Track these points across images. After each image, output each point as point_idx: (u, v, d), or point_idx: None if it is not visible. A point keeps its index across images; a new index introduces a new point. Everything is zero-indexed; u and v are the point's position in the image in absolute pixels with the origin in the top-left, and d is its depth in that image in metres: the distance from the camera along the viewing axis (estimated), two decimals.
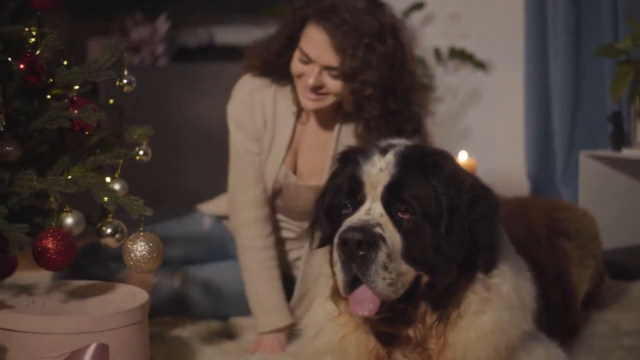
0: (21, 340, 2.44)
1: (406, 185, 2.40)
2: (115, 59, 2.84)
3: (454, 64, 5.73)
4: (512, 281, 2.50)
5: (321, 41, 2.97)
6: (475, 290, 2.46)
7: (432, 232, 2.38)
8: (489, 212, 2.44)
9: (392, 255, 2.33)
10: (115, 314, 2.50)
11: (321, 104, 3.06)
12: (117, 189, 2.70)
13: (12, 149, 2.57)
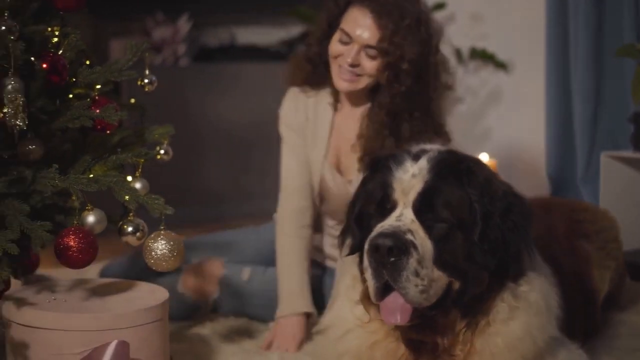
0: (43, 337, 2.46)
1: (439, 191, 2.38)
2: (136, 58, 2.86)
3: (474, 65, 5.72)
4: (540, 288, 2.50)
5: (364, 20, 3.12)
6: (504, 299, 2.45)
7: (465, 240, 2.37)
8: (523, 221, 2.44)
9: (423, 262, 2.31)
10: (137, 311, 2.52)
11: (355, 85, 3.19)
12: (138, 187, 2.72)
13: (34, 147, 2.58)
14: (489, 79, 5.70)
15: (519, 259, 2.46)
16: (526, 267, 2.50)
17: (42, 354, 2.46)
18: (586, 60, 4.71)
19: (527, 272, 2.50)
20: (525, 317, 2.46)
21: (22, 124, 2.46)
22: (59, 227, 2.60)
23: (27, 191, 2.51)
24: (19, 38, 2.52)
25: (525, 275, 2.49)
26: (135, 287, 2.76)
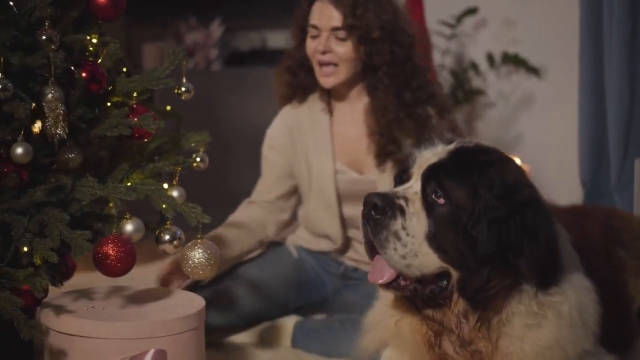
0: (81, 345, 2.48)
1: (448, 170, 2.38)
2: (174, 66, 2.88)
3: (506, 69, 5.70)
4: (575, 302, 2.46)
5: (325, 8, 3.22)
6: (521, 301, 2.41)
7: (461, 224, 2.35)
8: (535, 224, 2.39)
9: (408, 229, 2.33)
10: (174, 319, 2.53)
11: (338, 77, 3.25)
12: (175, 195, 2.74)
13: (74, 156, 2.60)
14: (521, 83, 5.68)
15: (534, 264, 2.38)
16: (559, 277, 2.46)
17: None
18: (620, 65, 4.66)
19: (561, 283, 2.46)
20: (554, 328, 2.43)
21: (63, 133, 2.48)
22: (97, 235, 2.62)
23: (67, 200, 2.52)
24: (60, 47, 2.54)
25: (558, 286, 2.45)
26: (172, 295, 2.77)
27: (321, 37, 3.22)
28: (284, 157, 3.39)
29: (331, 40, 3.21)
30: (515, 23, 5.63)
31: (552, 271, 2.46)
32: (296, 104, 3.41)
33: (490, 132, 5.81)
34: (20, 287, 2.51)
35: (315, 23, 3.24)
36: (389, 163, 3.26)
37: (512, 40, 5.64)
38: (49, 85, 2.51)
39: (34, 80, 2.55)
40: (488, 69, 5.65)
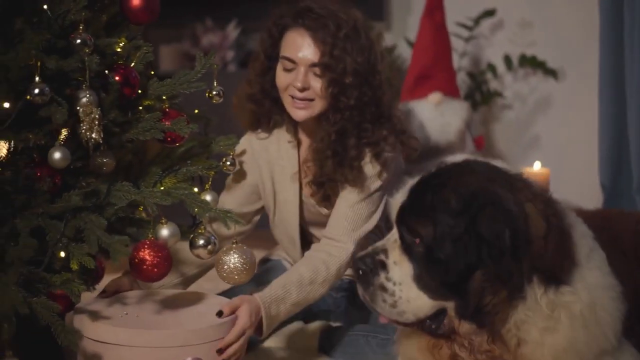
0: (116, 353, 2.46)
1: (411, 208, 2.44)
2: (205, 70, 2.87)
3: (523, 72, 5.68)
4: (588, 300, 2.43)
5: (302, 40, 3.02)
6: (528, 307, 2.39)
7: (435, 256, 2.39)
8: (490, 228, 2.34)
9: (393, 279, 2.44)
10: (210, 327, 2.52)
11: (311, 111, 3.07)
12: (208, 200, 2.72)
13: (107, 160, 2.59)
14: (538, 85, 5.66)
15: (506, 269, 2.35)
16: (571, 278, 2.43)
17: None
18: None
19: (573, 282, 2.43)
20: (568, 330, 2.41)
21: (98, 137, 2.47)
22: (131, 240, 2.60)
23: (101, 204, 2.51)
24: (94, 51, 2.53)
25: (570, 284, 2.43)
26: (205, 300, 2.76)
27: (298, 71, 3.02)
28: (252, 176, 3.25)
29: (309, 76, 3.03)
30: (532, 25, 5.62)
31: (560, 272, 2.42)
32: (262, 134, 3.25)
33: (507, 135, 5.80)
34: (55, 292, 2.50)
35: (291, 56, 3.03)
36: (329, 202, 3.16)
37: (529, 42, 5.63)
38: (83, 89, 2.50)
39: (67, 84, 2.53)
40: (505, 71, 5.64)
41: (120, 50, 2.68)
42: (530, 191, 2.48)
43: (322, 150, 3.05)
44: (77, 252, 2.42)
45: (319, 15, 3.01)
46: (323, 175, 3.07)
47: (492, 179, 2.45)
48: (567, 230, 2.48)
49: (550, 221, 2.43)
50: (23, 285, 2.41)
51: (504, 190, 2.41)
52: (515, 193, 2.43)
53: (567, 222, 2.50)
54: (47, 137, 2.56)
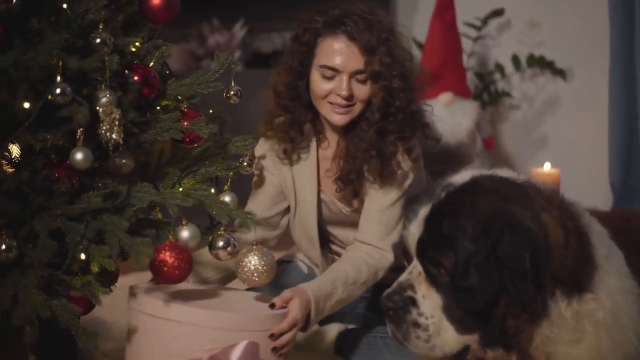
0: (178, 331, 2.48)
1: (430, 240, 2.40)
2: (223, 70, 2.85)
3: (531, 71, 5.67)
4: (610, 306, 2.40)
5: (344, 48, 2.96)
6: (553, 324, 2.36)
7: (460, 285, 2.35)
8: (510, 252, 2.30)
9: (425, 313, 2.38)
10: (267, 315, 2.58)
11: (351, 115, 3.03)
12: (228, 201, 2.70)
13: (126, 161, 2.55)
14: (546, 86, 5.65)
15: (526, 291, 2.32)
16: (592, 282, 2.39)
17: (174, 347, 2.48)
18: None
19: (595, 289, 2.39)
20: (593, 339, 2.38)
21: (118, 138, 2.44)
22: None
23: (121, 205, 2.48)
24: (113, 51, 2.50)
25: (592, 291, 2.39)
26: (252, 294, 2.84)
27: (341, 79, 2.97)
28: (276, 176, 3.21)
29: (352, 83, 2.98)
30: (540, 24, 5.60)
31: (582, 278, 2.39)
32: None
33: (515, 135, 5.79)
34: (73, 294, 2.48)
35: (332, 65, 2.96)
36: (357, 198, 3.14)
37: (537, 42, 5.62)
38: (102, 89, 2.47)
39: (86, 84, 2.51)
40: (513, 71, 5.62)
41: (138, 50, 2.66)
42: (543, 198, 2.43)
43: (365, 150, 3.01)
44: (98, 254, 2.40)
45: (357, 22, 2.96)
46: (354, 172, 3.04)
47: (504, 196, 2.40)
48: (585, 232, 2.44)
49: (567, 226, 2.40)
50: (42, 287, 2.39)
51: (518, 207, 2.36)
52: (529, 205, 2.38)
53: (583, 223, 2.46)
54: (65, 137, 2.53)
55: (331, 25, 2.98)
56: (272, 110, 3.16)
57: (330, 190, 3.16)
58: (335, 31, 2.97)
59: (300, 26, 3.05)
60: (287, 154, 3.13)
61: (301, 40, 3.03)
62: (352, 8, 3.00)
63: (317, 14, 3.02)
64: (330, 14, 3.00)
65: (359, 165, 3.03)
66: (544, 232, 2.33)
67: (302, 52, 3.03)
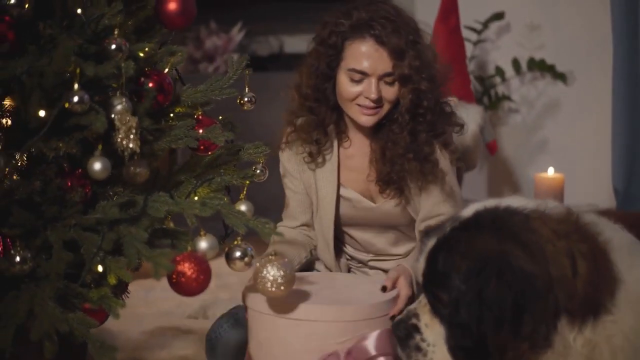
0: (312, 329, 2.56)
1: (430, 274, 2.43)
2: (237, 76, 2.80)
3: (531, 75, 5.65)
4: (632, 323, 2.29)
5: (373, 51, 2.95)
6: (559, 353, 2.28)
7: (453, 322, 2.37)
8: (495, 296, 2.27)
9: (428, 340, 2.43)
10: (387, 301, 2.67)
11: (379, 116, 3.03)
12: (244, 210, 2.64)
13: (141, 170, 2.48)
14: (546, 89, 5.63)
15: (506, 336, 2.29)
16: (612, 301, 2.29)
17: (309, 345, 2.58)
18: None
19: (615, 307, 2.28)
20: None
21: (135, 147, 2.37)
22: None
23: (137, 216, 2.42)
24: (129, 57, 2.44)
25: (611, 312, 2.28)
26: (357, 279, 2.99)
27: (369, 82, 2.95)
28: (299, 180, 3.20)
29: (381, 86, 2.97)
30: (540, 28, 5.59)
31: (600, 300, 2.29)
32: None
33: (515, 139, 5.76)
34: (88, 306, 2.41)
35: (361, 69, 2.95)
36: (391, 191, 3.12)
37: (537, 46, 5.60)
38: (117, 96, 2.41)
39: (101, 91, 2.44)
40: (513, 74, 5.60)
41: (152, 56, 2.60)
42: (549, 227, 2.35)
43: (402, 154, 3.01)
44: (115, 265, 2.33)
45: (386, 24, 2.93)
46: (395, 173, 3.04)
47: (503, 234, 2.34)
48: (603, 250, 2.34)
49: (580, 251, 2.31)
50: (58, 300, 2.32)
51: (515, 246, 2.31)
52: (530, 240, 2.32)
53: (601, 240, 2.36)
54: (77, 145, 2.47)
55: (359, 29, 2.95)
56: (296, 111, 3.16)
57: (353, 186, 3.15)
58: (364, 35, 2.94)
59: (325, 29, 3.02)
60: (313, 156, 3.13)
61: (328, 43, 3.00)
62: (378, 10, 2.97)
63: (342, 16, 2.99)
64: (356, 16, 2.97)
65: (398, 168, 3.04)
66: (544, 268, 2.27)
67: (329, 55, 3.01)
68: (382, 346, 2.57)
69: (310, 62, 3.08)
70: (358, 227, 3.19)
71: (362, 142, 3.16)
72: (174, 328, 3.83)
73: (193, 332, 3.78)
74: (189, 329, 3.82)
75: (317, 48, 3.05)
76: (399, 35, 2.94)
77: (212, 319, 3.73)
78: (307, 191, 3.21)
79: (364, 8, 2.98)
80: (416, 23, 3.06)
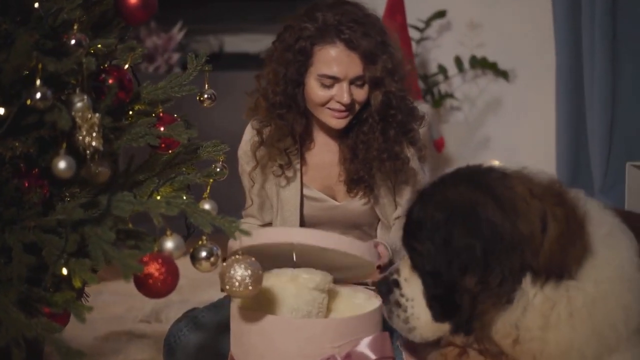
0: (304, 333, 2.54)
1: (407, 227, 2.51)
2: (197, 72, 2.74)
3: (472, 73, 5.68)
4: (593, 293, 2.36)
5: (344, 57, 2.93)
6: (518, 308, 2.35)
7: (423, 272, 2.47)
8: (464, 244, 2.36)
9: (406, 295, 2.51)
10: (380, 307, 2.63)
11: (349, 118, 3.03)
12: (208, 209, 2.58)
13: (102, 169, 2.40)
14: (488, 87, 5.66)
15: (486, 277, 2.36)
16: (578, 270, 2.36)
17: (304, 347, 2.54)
18: (603, 67, 4.67)
19: (578, 276, 2.36)
20: (567, 328, 2.36)
21: (98, 145, 2.29)
22: None
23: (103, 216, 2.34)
24: (89, 52, 2.37)
25: (574, 279, 2.36)
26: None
27: (340, 87, 2.93)
28: (260, 184, 3.19)
29: (352, 89, 2.96)
30: (481, 26, 5.62)
31: (566, 265, 2.36)
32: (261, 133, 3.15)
33: (457, 136, 5.78)
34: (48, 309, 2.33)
35: (332, 74, 2.93)
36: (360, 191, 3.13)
37: (478, 44, 5.63)
38: (78, 93, 2.33)
39: (60, 87, 2.36)
40: (455, 72, 5.62)
41: (111, 52, 2.53)
42: (527, 187, 2.42)
43: (375, 157, 3.02)
44: (79, 268, 2.25)
45: (355, 27, 2.91)
46: (364, 170, 3.05)
47: (478, 186, 2.41)
48: (579, 219, 2.41)
49: (553, 214, 2.37)
50: (19, 305, 2.23)
51: (487, 197, 2.37)
52: (504, 195, 2.38)
53: (579, 211, 2.42)
54: (35, 145, 2.38)
55: (327, 33, 2.92)
56: (263, 120, 3.10)
57: (316, 185, 3.13)
58: (334, 40, 2.92)
59: (291, 33, 2.97)
60: (283, 168, 3.10)
61: (295, 49, 2.95)
62: (345, 13, 2.94)
63: (306, 19, 2.95)
64: (322, 20, 2.93)
65: (371, 168, 3.04)
66: (513, 223, 2.34)
67: (298, 60, 2.96)
68: (381, 349, 2.56)
69: (276, 68, 3.01)
70: (322, 227, 3.14)
71: (329, 142, 3.13)
72: (127, 332, 3.74)
73: (147, 337, 3.70)
74: (143, 333, 3.74)
75: (284, 54, 2.98)
76: (369, 38, 2.91)
77: (165, 322, 3.67)
78: (268, 193, 3.16)
79: (328, 10, 2.94)
80: (381, 21, 3.04)
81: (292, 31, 2.98)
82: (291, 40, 2.96)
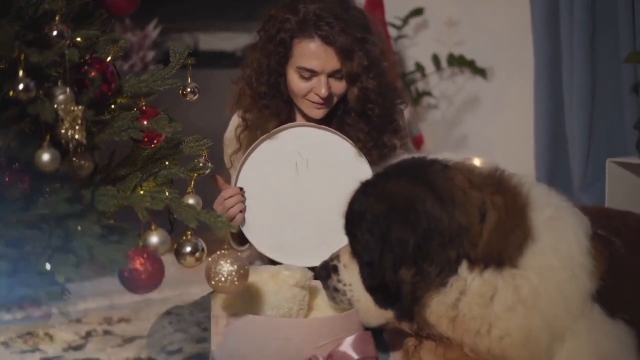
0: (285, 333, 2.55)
1: (348, 216, 2.58)
2: (179, 66, 2.70)
3: (450, 71, 5.67)
4: (536, 285, 2.38)
5: (321, 51, 2.98)
6: (455, 291, 2.40)
7: (361, 261, 2.55)
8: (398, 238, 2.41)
9: (344, 280, 2.61)
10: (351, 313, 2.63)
11: (328, 108, 3.08)
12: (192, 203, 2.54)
13: (85, 163, 2.37)
14: (465, 85, 5.66)
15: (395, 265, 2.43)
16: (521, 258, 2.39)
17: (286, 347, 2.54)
18: (582, 65, 4.68)
19: (522, 265, 2.39)
20: (522, 315, 2.38)
21: (81, 138, 2.25)
22: None
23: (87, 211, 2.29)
24: (72, 44, 2.32)
25: (516, 267, 2.39)
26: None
27: (319, 80, 2.99)
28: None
29: (330, 82, 3.02)
30: (459, 24, 5.61)
31: (503, 251, 2.39)
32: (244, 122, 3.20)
33: (434, 134, 5.77)
34: None
35: (310, 67, 2.98)
36: None
37: (456, 42, 5.62)
38: (60, 86, 2.28)
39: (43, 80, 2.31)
40: (432, 70, 5.61)
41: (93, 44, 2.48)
42: (466, 177, 2.45)
43: (362, 147, 3.05)
44: (64, 264, 2.20)
45: (331, 23, 2.95)
46: None
47: (417, 179, 2.47)
48: (519, 207, 2.43)
49: (493, 203, 2.40)
50: None
51: (425, 190, 2.43)
52: (442, 187, 2.43)
53: (521, 198, 2.46)
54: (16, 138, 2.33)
55: (306, 27, 2.97)
56: (248, 108, 3.14)
57: None
58: (312, 34, 2.97)
59: (273, 26, 3.03)
60: None
61: (276, 40, 3.01)
62: (326, 8, 2.98)
63: (288, 11, 3.00)
64: (303, 12, 2.97)
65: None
66: (451, 214, 2.39)
67: (279, 52, 3.02)
68: (364, 349, 2.55)
69: (259, 58, 3.07)
70: None
71: None
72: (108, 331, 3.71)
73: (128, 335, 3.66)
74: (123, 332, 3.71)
75: (266, 44, 3.04)
76: (347, 34, 2.95)
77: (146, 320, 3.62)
78: None
79: (311, 3, 2.98)
80: (365, 15, 3.06)
81: (274, 22, 3.03)
82: (273, 31, 3.03)
